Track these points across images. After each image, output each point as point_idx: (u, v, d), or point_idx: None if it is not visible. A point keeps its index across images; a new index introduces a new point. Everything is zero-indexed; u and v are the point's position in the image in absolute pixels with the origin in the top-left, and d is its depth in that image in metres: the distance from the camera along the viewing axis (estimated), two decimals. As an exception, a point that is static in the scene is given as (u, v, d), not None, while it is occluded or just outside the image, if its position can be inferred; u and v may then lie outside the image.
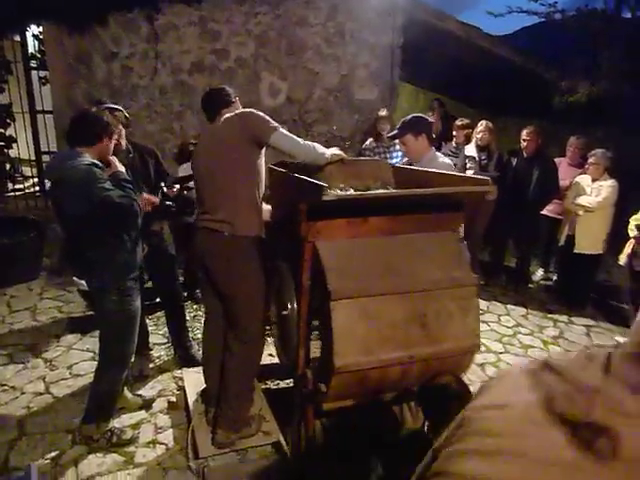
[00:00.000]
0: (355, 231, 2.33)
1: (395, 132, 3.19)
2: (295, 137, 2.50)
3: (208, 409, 2.99)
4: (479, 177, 2.33)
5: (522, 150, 5.46)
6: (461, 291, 2.33)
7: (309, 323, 2.43)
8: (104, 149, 2.63)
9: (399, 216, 2.39)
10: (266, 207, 2.98)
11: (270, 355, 4.05)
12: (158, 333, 4.36)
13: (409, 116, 3.16)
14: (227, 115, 2.58)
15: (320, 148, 2.57)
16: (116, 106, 3.27)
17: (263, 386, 3.57)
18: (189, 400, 3.24)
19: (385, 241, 2.37)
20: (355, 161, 3.04)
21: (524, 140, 5.38)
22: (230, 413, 2.76)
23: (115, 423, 3.06)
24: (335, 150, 2.67)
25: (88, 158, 2.50)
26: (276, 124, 2.49)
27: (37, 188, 6.88)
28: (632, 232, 4.59)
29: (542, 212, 5.72)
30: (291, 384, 3.29)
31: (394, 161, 5.08)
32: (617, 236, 5.07)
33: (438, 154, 3.18)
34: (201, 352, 3.17)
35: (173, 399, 3.43)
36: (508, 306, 5.43)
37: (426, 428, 2.91)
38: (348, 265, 2.23)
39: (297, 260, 2.36)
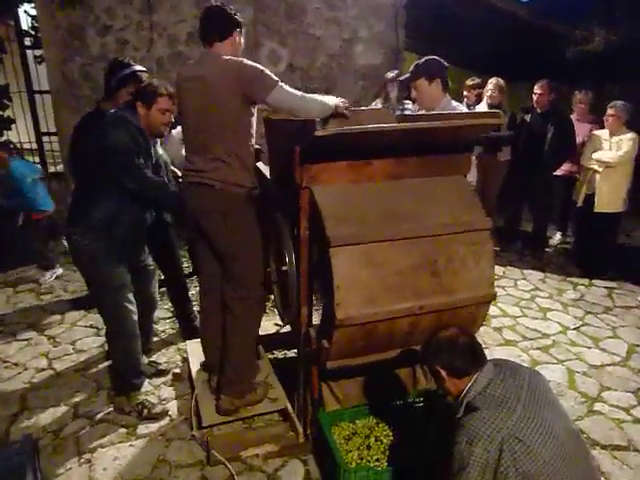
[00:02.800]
0: (356, 175, 2.16)
1: (407, 76, 2.95)
2: (296, 92, 2.24)
3: (212, 378, 2.86)
4: (488, 110, 2.12)
5: (535, 106, 5.19)
6: (473, 236, 2.15)
7: (310, 278, 2.27)
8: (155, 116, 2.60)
9: (405, 158, 2.20)
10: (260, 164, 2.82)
11: (276, 324, 3.93)
12: (162, 307, 4.24)
13: (422, 59, 2.91)
14: (222, 57, 2.29)
15: (323, 98, 2.32)
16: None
17: (270, 356, 3.43)
18: (193, 371, 3.11)
19: (390, 186, 2.19)
20: (356, 111, 2.85)
21: (536, 94, 5.11)
22: (234, 378, 2.62)
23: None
24: (338, 99, 2.41)
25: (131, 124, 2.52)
26: (276, 78, 2.24)
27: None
28: None
29: (557, 173, 5.46)
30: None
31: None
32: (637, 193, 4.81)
33: (454, 102, 2.93)
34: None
35: (177, 371, 3.32)
36: (525, 271, 5.21)
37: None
38: (348, 210, 2.06)
39: (294, 210, 2.19)
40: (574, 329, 4.05)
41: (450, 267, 2.10)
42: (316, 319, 2.42)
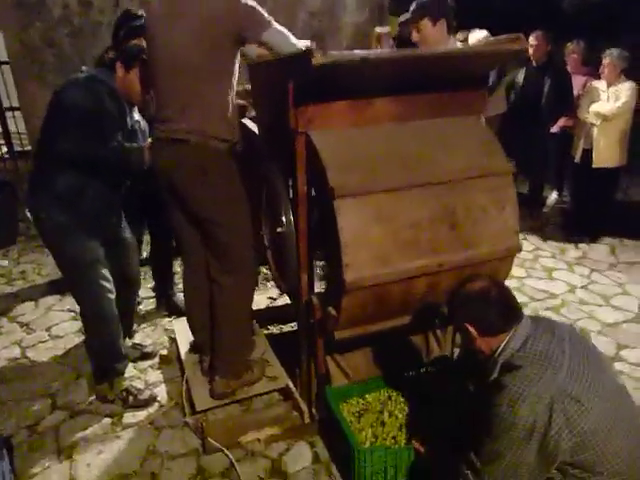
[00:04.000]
0: (358, 118, 1.87)
1: (408, 16, 2.64)
2: (290, 34, 1.94)
3: (202, 358, 2.59)
4: (507, 36, 1.84)
5: (531, 58, 4.92)
6: (494, 181, 1.89)
7: (310, 239, 1.99)
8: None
9: (412, 96, 1.92)
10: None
11: (270, 298, 3.67)
12: (145, 286, 3.93)
13: None
14: None
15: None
16: None
17: (265, 332, 3.18)
18: (181, 352, 2.84)
19: (396, 129, 1.91)
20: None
21: (532, 46, 4.83)
22: (228, 358, 2.35)
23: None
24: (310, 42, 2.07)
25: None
26: (270, 17, 1.94)
27: (5, 150, 6.32)
28: None
29: (552, 129, 5.22)
30: (297, 328, 2.91)
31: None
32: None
33: (459, 44, 2.63)
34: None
35: (164, 352, 3.04)
36: (524, 231, 5.00)
37: (455, 353, 2.54)
38: (352, 157, 1.78)
39: (288, 163, 1.90)
40: (582, 287, 3.88)
41: (470, 217, 1.85)
42: (317, 289, 2.16)
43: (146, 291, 3.85)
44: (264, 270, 4.03)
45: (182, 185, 2.12)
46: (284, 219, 2.03)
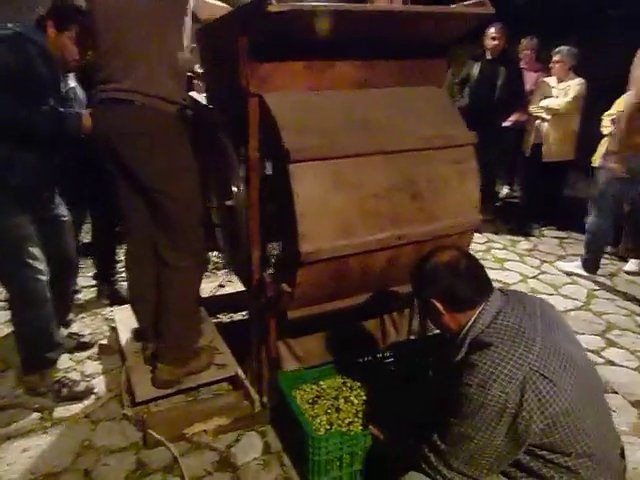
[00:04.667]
0: (317, 81, 1.75)
1: None
2: None
3: (146, 346, 2.39)
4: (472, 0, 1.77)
5: (486, 52, 4.95)
6: (457, 152, 1.82)
7: (262, 212, 1.85)
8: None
9: (373, 61, 1.81)
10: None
11: (221, 286, 3.49)
12: (86, 275, 3.66)
13: None
14: None
15: None
16: None
17: (214, 320, 3.00)
18: (122, 340, 2.63)
19: (357, 95, 1.80)
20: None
21: (493, 39, 4.85)
22: (174, 343, 2.17)
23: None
24: None
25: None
26: None
27: None
28: (606, 129, 4.19)
29: (505, 123, 5.29)
30: (247, 316, 2.75)
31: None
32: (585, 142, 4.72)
33: None
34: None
35: (104, 342, 2.81)
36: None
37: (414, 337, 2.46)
38: (309, 121, 1.66)
39: (240, 126, 1.75)
40: (533, 277, 3.93)
41: (432, 189, 1.76)
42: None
43: (86, 280, 3.59)
44: (214, 258, 3.87)
45: (126, 152, 1.93)
46: (234, 190, 1.88)
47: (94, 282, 3.47)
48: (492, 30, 4.86)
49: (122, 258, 3.37)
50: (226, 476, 1.98)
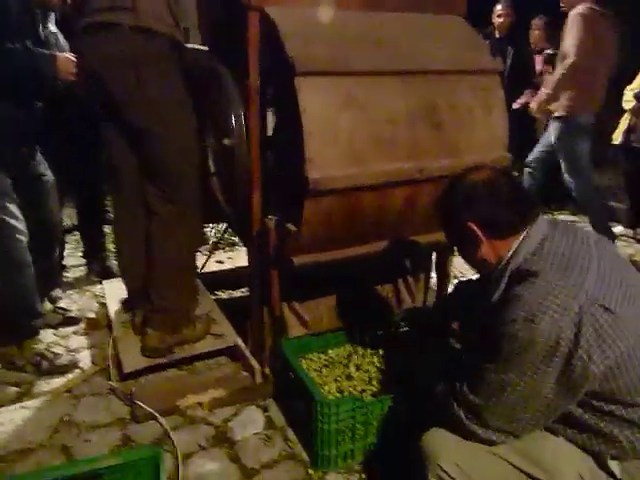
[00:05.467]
0: (324, -4, 1.54)
1: None
2: None
3: (135, 312, 2.17)
4: None
5: (495, 29, 4.78)
6: (482, 79, 1.61)
7: (263, 151, 1.65)
8: None
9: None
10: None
11: (218, 262, 3.28)
12: (76, 255, 3.46)
13: None
14: None
15: None
16: None
17: (213, 297, 2.78)
18: (111, 312, 2.41)
19: (370, 16, 1.59)
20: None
21: (499, 16, 4.68)
22: (163, 305, 1.96)
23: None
24: None
25: None
26: None
27: None
28: (629, 104, 3.99)
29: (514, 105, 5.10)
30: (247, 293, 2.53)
31: None
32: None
33: None
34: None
35: (92, 316, 2.59)
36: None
37: (431, 305, 2.24)
38: (318, 34, 1.45)
39: (239, 52, 1.55)
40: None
41: (455, 118, 1.55)
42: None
43: (77, 259, 3.38)
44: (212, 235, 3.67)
45: (113, 84, 1.72)
46: (233, 127, 1.67)
47: (84, 261, 3.26)
48: (498, 7, 4.70)
49: (111, 232, 3.18)
50: (222, 452, 1.76)
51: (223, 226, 3.84)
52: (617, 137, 4.13)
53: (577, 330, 1.04)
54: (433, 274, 2.26)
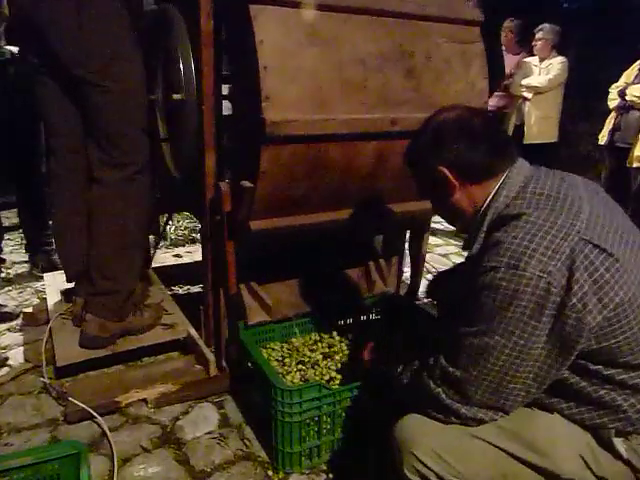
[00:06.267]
0: None
1: None
2: None
3: (75, 300, 1.92)
4: None
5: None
6: (461, 30, 1.47)
7: (218, 105, 1.45)
8: None
9: None
10: None
11: (176, 256, 3.05)
12: (20, 252, 3.17)
13: None
14: None
15: None
16: None
17: (169, 293, 2.54)
18: (50, 305, 2.14)
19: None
20: None
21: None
22: (107, 286, 1.72)
23: None
24: None
25: None
26: None
27: None
28: (613, 102, 3.94)
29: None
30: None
31: None
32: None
33: None
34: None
35: (29, 310, 2.31)
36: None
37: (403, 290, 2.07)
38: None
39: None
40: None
41: (430, 67, 1.40)
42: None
43: (20, 256, 3.09)
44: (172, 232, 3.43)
45: (47, 29, 1.50)
46: (182, 79, 1.47)
47: (27, 258, 2.98)
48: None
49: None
50: (168, 453, 1.52)
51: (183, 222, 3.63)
52: (603, 137, 4.08)
53: (569, 275, 0.88)
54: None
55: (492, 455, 0.99)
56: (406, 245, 2.08)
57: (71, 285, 2.01)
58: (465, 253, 1.17)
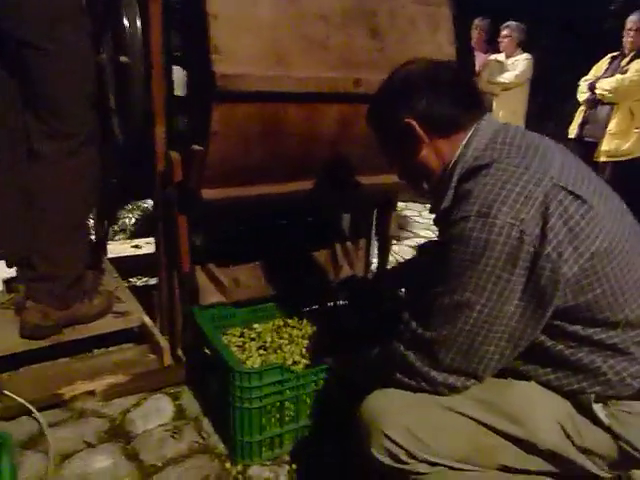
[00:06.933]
0: None
1: None
2: None
3: (16, 287, 1.76)
4: None
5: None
6: (426, -9, 1.39)
7: (169, 66, 1.34)
8: None
9: None
10: None
11: (135, 247, 2.90)
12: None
13: None
14: None
15: None
16: None
17: (126, 285, 2.40)
18: (-9, 296, 1.98)
19: None
20: None
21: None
22: (50, 270, 1.57)
23: None
24: None
25: None
26: None
27: None
28: (583, 95, 3.94)
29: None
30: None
31: None
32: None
33: None
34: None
35: (-33, 304, 2.13)
36: (427, 205, 4.72)
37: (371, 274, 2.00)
38: None
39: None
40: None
41: (395, 28, 1.32)
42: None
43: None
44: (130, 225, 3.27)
45: None
46: (128, 39, 1.35)
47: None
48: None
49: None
50: (116, 448, 1.39)
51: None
52: (572, 130, 4.08)
53: (543, 223, 0.82)
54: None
55: (467, 428, 0.91)
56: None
57: (14, 272, 1.85)
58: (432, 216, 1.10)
